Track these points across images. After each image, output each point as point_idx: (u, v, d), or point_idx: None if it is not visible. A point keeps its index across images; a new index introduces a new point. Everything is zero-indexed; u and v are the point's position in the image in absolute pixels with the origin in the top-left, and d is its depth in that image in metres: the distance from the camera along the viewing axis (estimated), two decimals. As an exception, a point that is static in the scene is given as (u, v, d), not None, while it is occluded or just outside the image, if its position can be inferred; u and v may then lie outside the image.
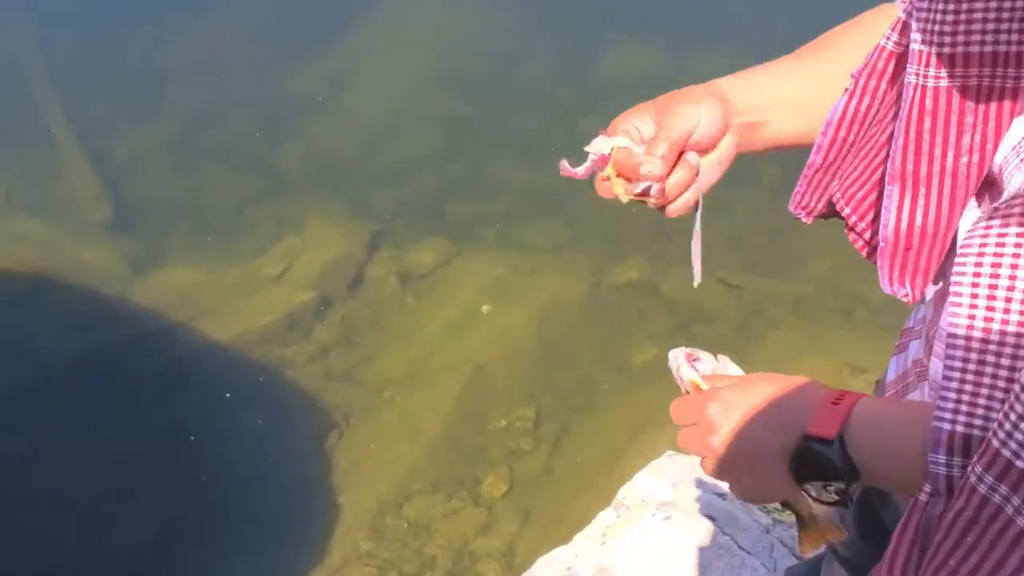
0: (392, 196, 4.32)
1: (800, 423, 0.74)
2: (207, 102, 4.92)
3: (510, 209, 4.24)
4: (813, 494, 0.76)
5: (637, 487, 2.26)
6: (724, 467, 0.80)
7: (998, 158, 0.75)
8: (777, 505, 0.95)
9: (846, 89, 0.85)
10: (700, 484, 2.20)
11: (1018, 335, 0.63)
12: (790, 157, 0.95)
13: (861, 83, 0.84)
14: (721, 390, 0.81)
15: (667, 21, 5.20)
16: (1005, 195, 0.68)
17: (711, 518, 2.08)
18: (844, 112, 0.86)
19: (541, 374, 3.59)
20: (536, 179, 4.35)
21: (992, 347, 0.64)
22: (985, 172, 0.76)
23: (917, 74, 0.75)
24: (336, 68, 5.07)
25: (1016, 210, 0.63)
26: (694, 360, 0.88)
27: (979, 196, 0.78)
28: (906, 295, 0.85)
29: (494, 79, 5.02)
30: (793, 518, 0.88)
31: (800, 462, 0.74)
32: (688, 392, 0.87)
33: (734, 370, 0.89)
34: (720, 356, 0.90)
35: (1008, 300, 0.64)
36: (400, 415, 3.48)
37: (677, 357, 0.89)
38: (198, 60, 5.14)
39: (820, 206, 0.92)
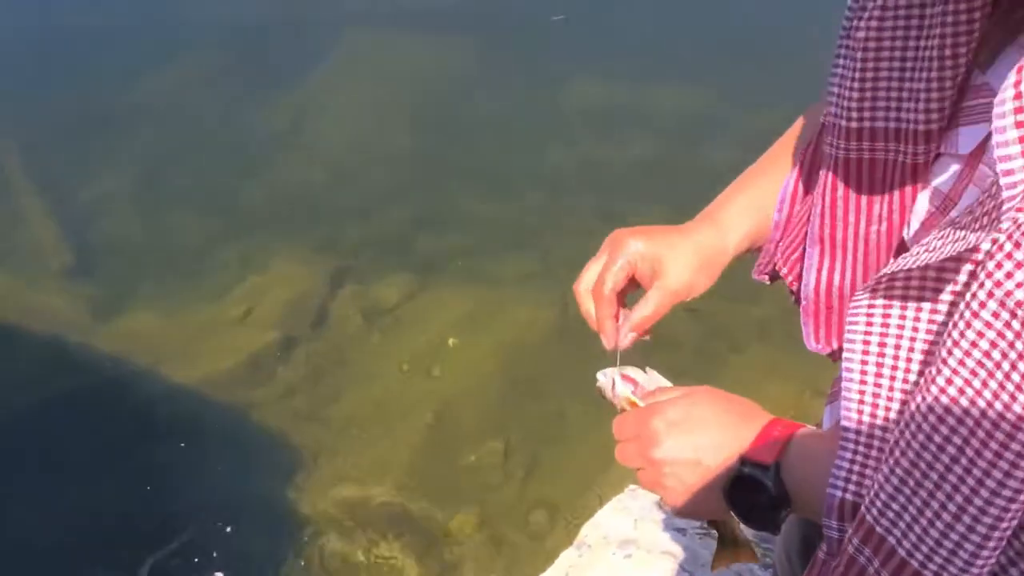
0: (356, 232, 4.32)
1: (740, 446, 0.76)
2: (169, 143, 4.91)
3: (475, 242, 4.25)
4: (741, 517, 0.78)
5: (599, 524, 2.25)
6: (659, 481, 0.81)
7: (909, 231, 0.78)
8: (704, 523, 0.99)
9: (793, 165, 0.90)
10: (660, 520, 2.20)
11: (898, 419, 0.65)
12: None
13: (808, 159, 0.89)
14: (663, 405, 0.83)
15: (626, 51, 5.25)
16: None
17: (671, 555, 2.07)
18: (795, 189, 0.91)
19: (509, 407, 3.58)
20: (501, 211, 4.37)
21: (879, 423, 0.67)
22: (896, 241, 0.79)
23: (831, 145, 0.79)
24: (298, 106, 5.09)
25: (898, 285, 0.65)
26: (626, 378, 0.91)
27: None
28: (830, 353, 0.87)
29: (456, 112, 5.05)
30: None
31: (735, 484, 0.76)
32: (625, 409, 0.89)
33: (664, 383, 0.91)
34: (648, 369, 0.93)
35: (892, 379, 0.66)
36: (368, 454, 3.46)
37: (608, 376, 0.92)
38: (160, 102, 5.13)
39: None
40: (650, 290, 0.93)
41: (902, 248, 0.79)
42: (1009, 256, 0.54)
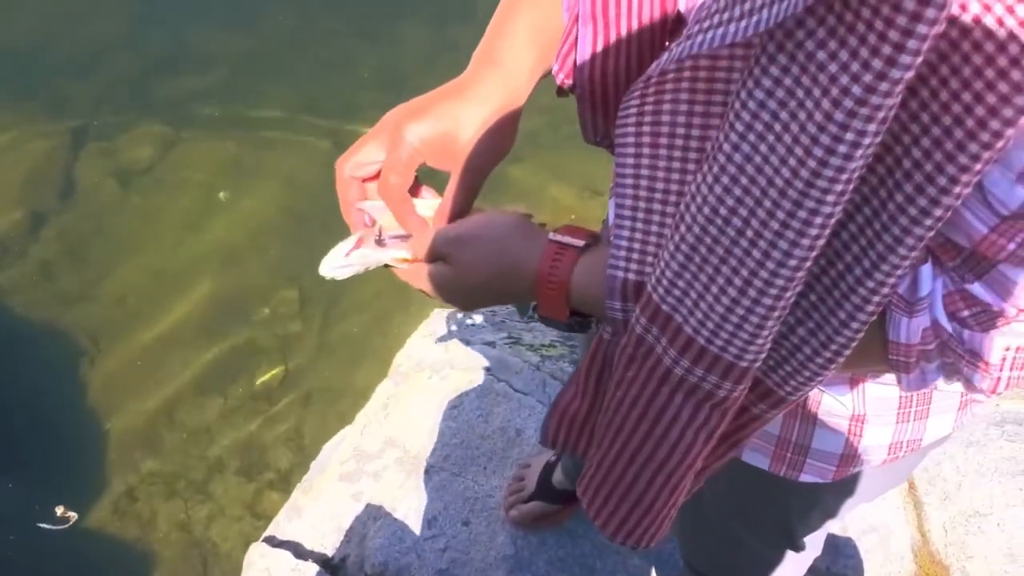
0: (88, 85, 3.85)
1: (525, 290, 0.78)
2: None
3: (228, 80, 3.92)
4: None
5: (411, 353, 2.27)
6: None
7: (681, 2, 0.74)
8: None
9: None
10: (469, 336, 2.25)
11: (679, 192, 0.65)
12: None
13: None
14: (434, 274, 0.82)
15: None
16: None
17: (484, 368, 2.14)
18: None
19: (297, 251, 3.46)
20: (252, 43, 4.03)
21: (657, 200, 0.66)
22: (668, 13, 0.73)
23: None
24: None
25: (669, 78, 0.62)
26: (380, 237, 0.87)
27: (672, 40, 0.77)
28: (610, 146, 0.85)
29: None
30: None
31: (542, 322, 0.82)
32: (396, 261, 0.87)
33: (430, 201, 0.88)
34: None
35: (669, 158, 0.65)
36: (151, 324, 3.26)
37: (351, 248, 0.87)
38: None
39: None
40: (453, 178, 0.85)
41: (680, 21, 0.75)
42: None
